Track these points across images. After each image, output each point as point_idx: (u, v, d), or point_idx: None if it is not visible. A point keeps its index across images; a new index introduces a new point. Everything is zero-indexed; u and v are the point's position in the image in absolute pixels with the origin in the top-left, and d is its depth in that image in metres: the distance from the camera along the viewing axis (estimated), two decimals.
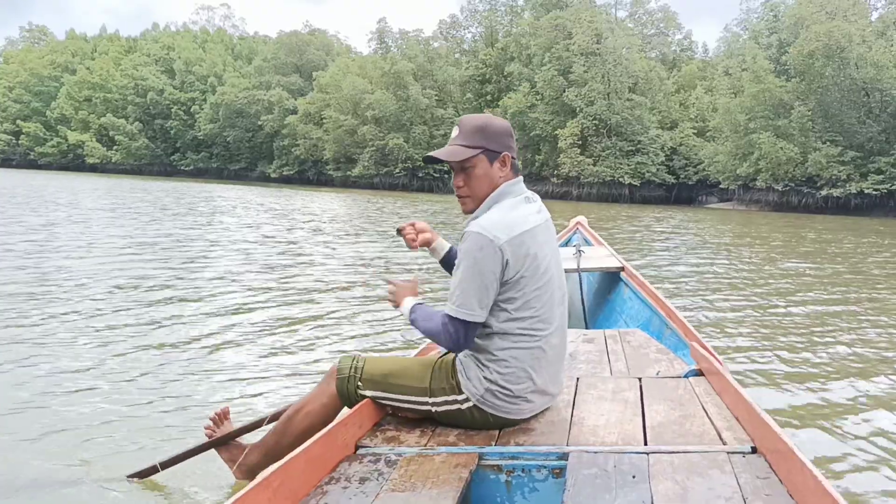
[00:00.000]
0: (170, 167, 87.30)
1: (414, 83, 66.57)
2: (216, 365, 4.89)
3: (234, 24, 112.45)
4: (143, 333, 5.64)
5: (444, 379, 2.43)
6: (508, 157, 2.43)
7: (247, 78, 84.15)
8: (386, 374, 2.49)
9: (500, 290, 2.31)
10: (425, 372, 2.47)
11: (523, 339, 2.35)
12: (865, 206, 43.12)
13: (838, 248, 17.39)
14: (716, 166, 50.88)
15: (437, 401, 2.42)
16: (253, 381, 4.54)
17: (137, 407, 3.96)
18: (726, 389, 2.62)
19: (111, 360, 4.81)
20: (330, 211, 26.08)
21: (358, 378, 2.50)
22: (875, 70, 43.84)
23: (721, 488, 1.87)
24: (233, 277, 8.78)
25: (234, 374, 4.70)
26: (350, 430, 2.33)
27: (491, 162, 2.42)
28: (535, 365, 2.38)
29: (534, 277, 2.34)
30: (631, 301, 4.72)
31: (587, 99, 54.88)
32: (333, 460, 2.18)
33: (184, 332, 5.80)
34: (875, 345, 6.07)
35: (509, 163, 2.44)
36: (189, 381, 4.49)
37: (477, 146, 2.40)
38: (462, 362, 2.42)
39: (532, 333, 2.36)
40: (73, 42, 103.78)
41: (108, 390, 4.23)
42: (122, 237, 12.76)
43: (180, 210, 21.87)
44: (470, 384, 2.38)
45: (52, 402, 3.99)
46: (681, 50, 72.83)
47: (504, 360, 2.35)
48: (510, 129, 2.47)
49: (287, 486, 1.90)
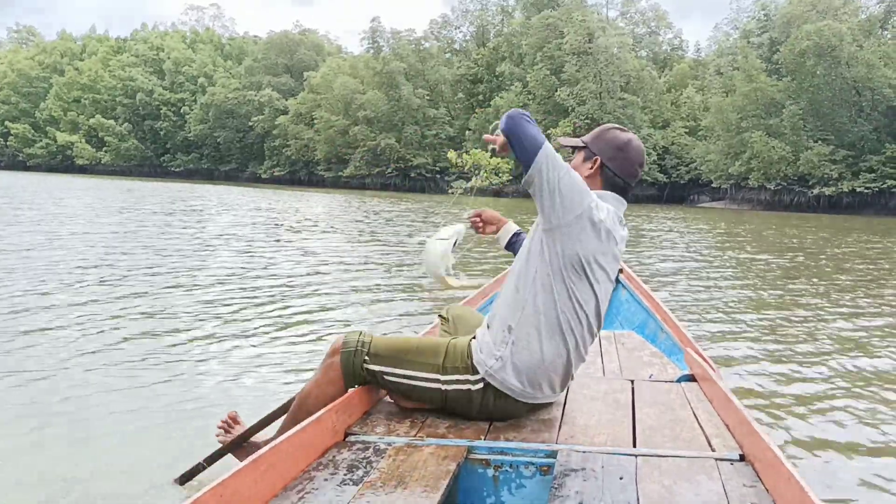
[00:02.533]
0: (160, 168, 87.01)
1: (406, 83, 66.52)
2: (214, 366, 4.76)
3: (223, 25, 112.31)
4: (127, 339, 5.42)
5: (459, 359, 2.42)
6: (599, 161, 2.50)
7: (237, 78, 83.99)
8: (396, 349, 2.47)
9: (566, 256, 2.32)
10: (439, 349, 2.45)
11: (556, 331, 2.34)
12: (857, 205, 43.25)
13: (838, 249, 17.31)
14: (707, 165, 51.03)
15: (448, 379, 2.40)
16: (254, 377, 4.49)
17: (146, 412, 3.84)
18: (718, 396, 2.62)
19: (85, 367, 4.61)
20: (325, 211, 25.88)
21: (365, 352, 2.45)
22: (866, 69, 43.99)
23: (707, 494, 1.88)
24: (223, 277, 8.58)
25: (237, 371, 4.61)
26: (340, 417, 2.32)
27: (583, 159, 2.54)
28: (554, 360, 2.37)
29: (599, 277, 2.37)
30: (627, 303, 4.68)
31: (579, 98, 54.92)
32: (322, 446, 2.18)
33: (178, 336, 5.60)
34: (870, 355, 5.95)
35: (597, 167, 2.50)
36: (186, 383, 4.37)
37: (585, 140, 2.57)
38: (479, 343, 2.42)
39: (567, 328, 2.35)
40: (62, 43, 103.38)
41: (112, 395, 4.10)
42: (96, 236, 12.54)
43: (166, 210, 21.65)
44: (483, 361, 2.38)
45: (58, 410, 3.84)
46: (671, 49, 73.02)
47: (523, 342, 2.35)
48: (625, 146, 2.52)
49: (275, 469, 1.90)
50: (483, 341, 2.42)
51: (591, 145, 2.52)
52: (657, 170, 54.88)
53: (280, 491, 1.89)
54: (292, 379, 4.47)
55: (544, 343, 2.34)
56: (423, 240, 2.65)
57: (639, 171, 2.54)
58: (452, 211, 26.79)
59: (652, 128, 56.46)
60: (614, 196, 2.50)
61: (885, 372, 5.25)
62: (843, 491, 3.17)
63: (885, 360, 5.65)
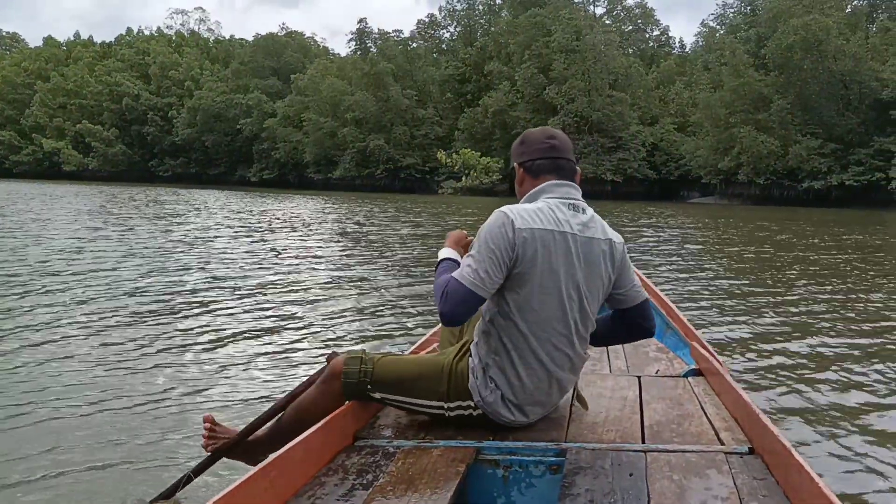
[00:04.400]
0: (148, 173, 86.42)
1: (394, 84, 66.41)
2: (208, 368, 4.69)
3: (209, 28, 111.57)
4: (115, 348, 5.27)
5: (461, 384, 2.37)
6: (517, 167, 2.50)
7: (224, 82, 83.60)
8: (400, 378, 2.41)
9: (507, 278, 2.25)
10: (441, 375, 2.39)
11: (527, 344, 2.28)
12: (846, 198, 43.38)
13: (831, 242, 17.30)
14: (697, 161, 51.12)
15: (452, 406, 2.38)
16: (243, 381, 4.44)
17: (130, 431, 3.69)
18: (725, 390, 2.62)
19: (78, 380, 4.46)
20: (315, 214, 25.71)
21: (368, 382, 2.41)
22: (853, 62, 44.18)
23: (718, 488, 1.87)
24: (214, 283, 8.44)
25: (222, 375, 4.55)
26: (349, 422, 2.33)
27: (515, 175, 2.51)
28: (539, 375, 2.31)
29: (538, 282, 2.25)
30: None
31: (568, 96, 54.94)
32: (331, 451, 2.18)
33: (173, 340, 5.52)
34: (878, 345, 5.92)
35: (520, 173, 2.49)
36: (173, 391, 4.26)
37: (513, 161, 2.55)
38: (474, 367, 2.36)
39: (541, 339, 2.29)
40: (47, 49, 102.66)
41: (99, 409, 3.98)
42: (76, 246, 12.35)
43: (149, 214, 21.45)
44: (478, 390, 2.33)
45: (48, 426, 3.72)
46: (658, 45, 73.16)
47: (511, 368, 2.30)
48: (523, 139, 2.53)
49: (285, 475, 1.90)
50: (476, 364, 2.36)
51: (510, 163, 2.57)
52: (647, 166, 55.00)
53: (291, 497, 1.89)
54: (282, 383, 4.35)
55: (521, 371, 2.29)
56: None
57: (549, 141, 2.45)
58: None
59: (641, 125, 56.56)
60: (551, 183, 2.40)
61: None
62: (855, 481, 3.14)
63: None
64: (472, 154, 56.54)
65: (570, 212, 2.32)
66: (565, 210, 2.32)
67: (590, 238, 2.32)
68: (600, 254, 2.33)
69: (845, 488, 3.03)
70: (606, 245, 2.35)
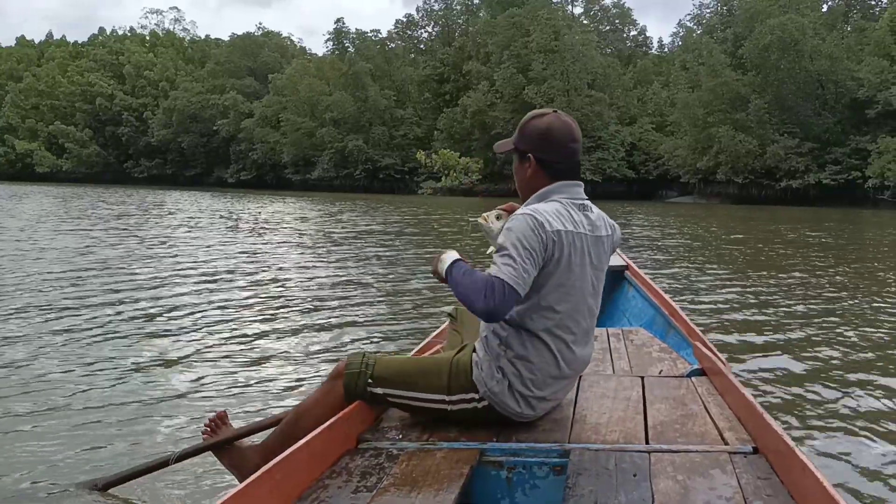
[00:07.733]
0: (123, 174, 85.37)
1: (372, 84, 66.21)
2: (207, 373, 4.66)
3: (184, 28, 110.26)
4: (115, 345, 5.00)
5: (463, 376, 2.40)
6: (533, 158, 2.43)
7: (200, 82, 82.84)
8: (400, 372, 2.46)
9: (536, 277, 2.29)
10: (442, 369, 2.44)
11: (542, 343, 2.33)
12: (824, 197, 43.74)
13: (820, 240, 17.39)
14: (675, 160, 51.38)
15: (453, 399, 2.40)
16: (246, 388, 4.37)
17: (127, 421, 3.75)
18: (728, 389, 2.63)
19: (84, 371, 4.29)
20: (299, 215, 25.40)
21: (368, 375, 2.45)
22: (829, 62, 44.59)
23: (722, 488, 1.87)
24: (215, 286, 8.25)
25: (227, 381, 4.50)
26: (352, 424, 2.34)
27: (520, 160, 2.47)
28: (550, 371, 2.36)
29: (564, 280, 2.32)
30: (634, 299, 4.73)
31: (547, 96, 54.93)
32: (335, 454, 2.19)
33: (172, 342, 5.48)
34: (879, 343, 5.89)
35: (534, 165, 2.43)
36: (178, 389, 4.30)
37: (513, 141, 2.49)
38: (479, 360, 2.40)
39: (556, 337, 2.34)
40: (18, 49, 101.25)
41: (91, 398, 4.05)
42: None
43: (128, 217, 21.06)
44: (483, 381, 2.36)
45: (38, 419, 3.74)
46: (636, 45, 73.53)
47: (521, 361, 2.33)
48: (547, 132, 2.41)
49: (288, 479, 1.90)
50: (482, 357, 2.39)
51: (519, 145, 2.47)
52: (625, 166, 55.22)
53: (294, 500, 1.90)
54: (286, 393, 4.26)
55: (533, 362, 2.33)
56: (476, 220, 2.61)
57: (572, 146, 2.44)
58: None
59: (619, 124, 56.76)
60: (563, 184, 2.43)
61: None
62: (859, 481, 3.14)
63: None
64: (451, 154, 56.43)
65: (581, 213, 2.40)
66: (577, 211, 2.39)
67: (598, 237, 2.42)
68: (605, 251, 2.46)
69: (851, 488, 3.04)
70: (608, 239, 2.47)
